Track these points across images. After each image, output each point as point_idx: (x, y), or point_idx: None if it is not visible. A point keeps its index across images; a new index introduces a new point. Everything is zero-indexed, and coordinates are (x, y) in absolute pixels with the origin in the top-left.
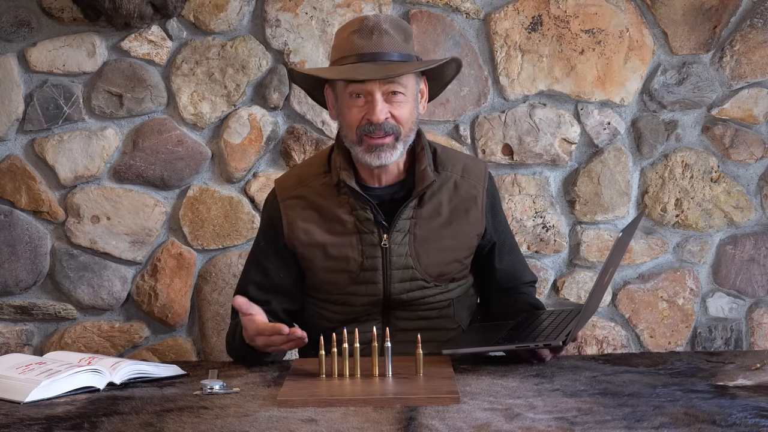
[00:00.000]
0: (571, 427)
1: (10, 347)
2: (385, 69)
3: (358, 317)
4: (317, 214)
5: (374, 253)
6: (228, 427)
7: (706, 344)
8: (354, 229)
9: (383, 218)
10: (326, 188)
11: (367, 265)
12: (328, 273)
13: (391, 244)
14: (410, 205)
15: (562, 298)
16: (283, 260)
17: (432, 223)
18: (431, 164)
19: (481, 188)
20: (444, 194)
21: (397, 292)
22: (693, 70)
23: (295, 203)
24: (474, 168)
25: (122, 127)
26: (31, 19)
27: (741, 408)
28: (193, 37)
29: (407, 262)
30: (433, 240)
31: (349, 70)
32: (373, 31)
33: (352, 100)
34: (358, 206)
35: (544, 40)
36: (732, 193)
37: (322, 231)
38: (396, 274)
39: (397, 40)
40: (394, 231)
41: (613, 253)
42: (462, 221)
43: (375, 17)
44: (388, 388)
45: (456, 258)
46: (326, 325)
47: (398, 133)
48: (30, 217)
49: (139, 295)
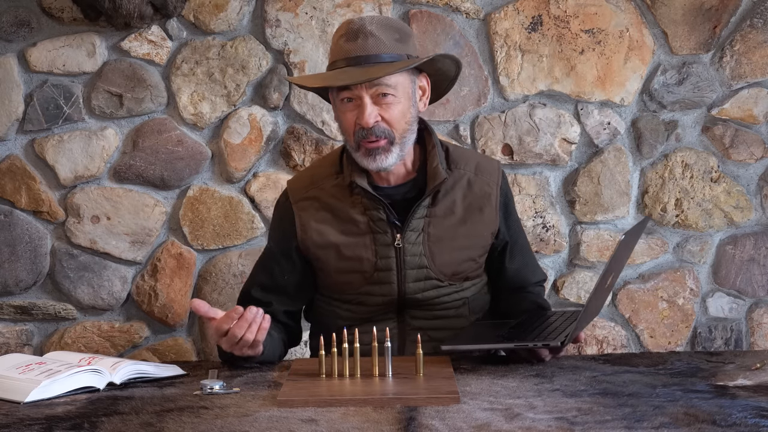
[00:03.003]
0: (571, 427)
1: (10, 347)
2: (368, 72)
3: (372, 317)
4: (331, 215)
5: (388, 253)
6: (228, 427)
7: (706, 344)
8: (367, 230)
9: (396, 218)
10: (339, 189)
11: (381, 266)
12: (342, 274)
13: (405, 243)
14: (424, 204)
15: (562, 298)
16: (291, 262)
17: (446, 221)
18: (443, 162)
19: (495, 186)
20: (458, 192)
21: (412, 291)
22: (693, 70)
23: (308, 204)
24: (487, 166)
25: (122, 127)
26: (31, 19)
27: (741, 408)
28: (193, 37)
29: (421, 262)
30: (447, 239)
31: (334, 75)
32: (358, 34)
33: (345, 105)
34: (371, 206)
35: (544, 40)
36: (732, 193)
37: (336, 232)
38: (410, 274)
39: (384, 41)
40: (407, 230)
41: (616, 256)
42: (476, 219)
43: (361, 20)
44: (388, 388)
45: (470, 257)
46: (341, 324)
47: (391, 136)
48: (30, 217)
49: (139, 295)
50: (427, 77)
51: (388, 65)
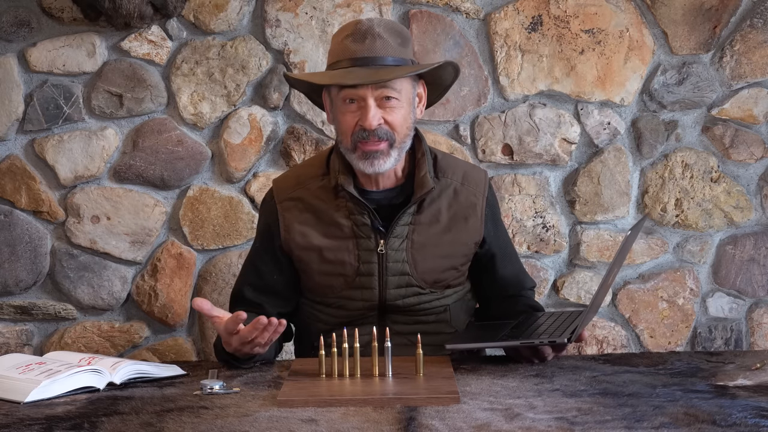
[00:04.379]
0: (571, 427)
1: (10, 347)
2: (377, 74)
3: (353, 321)
4: (314, 218)
5: (370, 259)
6: (228, 427)
7: (706, 344)
8: (351, 234)
9: (380, 224)
10: (324, 191)
11: (363, 270)
12: (324, 276)
13: (388, 250)
14: (409, 211)
15: (562, 298)
16: (278, 262)
17: (430, 229)
18: (431, 171)
19: (481, 196)
20: (443, 201)
21: (393, 298)
22: (693, 70)
23: (292, 205)
24: (474, 176)
25: (122, 127)
26: (31, 19)
27: (741, 408)
28: (193, 37)
29: (403, 269)
30: (430, 246)
31: (341, 74)
32: (366, 35)
33: (346, 106)
34: (356, 211)
35: (544, 40)
36: (732, 193)
37: (319, 234)
38: (392, 281)
39: (391, 44)
40: (391, 237)
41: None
42: (461, 229)
43: (369, 21)
44: (388, 388)
45: (453, 265)
46: (322, 328)
47: (392, 140)
48: (30, 217)
49: (139, 295)
50: (425, 85)
51: (397, 68)
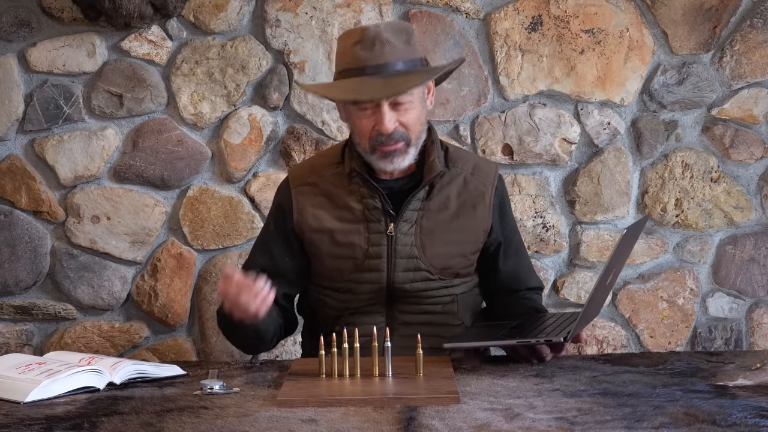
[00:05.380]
0: (571, 427)
1: (10, 347)
2: (391, 83)
3: (361, 306)
4: (327, 201)
5: (380, 241)
6: (228, 427)
7: (706, 344)
8: (362, 217)
9: (391, 207)
10: (338, 177)
11: (372, 253)
12: (334, 259)
13: (398, 233)
14: (418, 196)
15: (562, 298)
16: (290, 245)
17: (439, 215)
18: (441, 157)
19: (490, 186)
20: (453, 189)
21: (401, 281)
22: (693, 70)
23: (307, 190)
24: (485, 167)
25: (122, 127)
26: (31, 19)
27: (741, 408)
28: (193, 37)
29: (412, 252)
30: (439, 232)
31: (355, 86)
32: (375, 42)
33: (360, 111)
34: (367, 194)
35: (544, 40)
36: (732, 193)
37: (331, 217)
38: (400, 263)
39: (399, 47)
40: (401, 221)
41: (616, 254)
42: (469, 216)
43: (375, 27)
44: (388, 388)
45: (461, 252)
46: (330, 313)
47: (408, 139)
48: (30, 217)
49: (139, 295)
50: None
51: (409, 77)
